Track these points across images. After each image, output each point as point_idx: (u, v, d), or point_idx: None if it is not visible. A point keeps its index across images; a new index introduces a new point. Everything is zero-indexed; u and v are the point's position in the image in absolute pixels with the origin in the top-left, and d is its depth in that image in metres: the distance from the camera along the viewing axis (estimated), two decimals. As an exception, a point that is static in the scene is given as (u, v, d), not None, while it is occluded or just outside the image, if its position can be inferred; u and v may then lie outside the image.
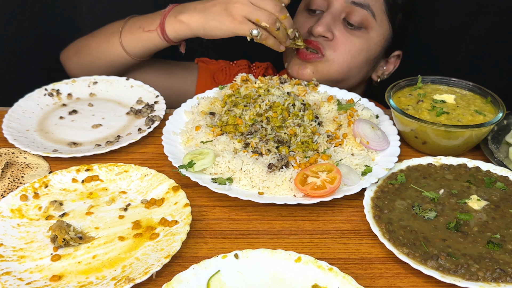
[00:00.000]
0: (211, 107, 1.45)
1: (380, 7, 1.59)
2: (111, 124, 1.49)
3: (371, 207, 1.16)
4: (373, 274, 1.04)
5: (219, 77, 1.83)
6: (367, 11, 1.56)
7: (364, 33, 1.59)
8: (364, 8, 1.56)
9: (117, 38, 1.60)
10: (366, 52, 1.61)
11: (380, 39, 1.62)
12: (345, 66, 1.60)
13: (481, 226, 1.11)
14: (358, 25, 1.58)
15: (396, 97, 1.44)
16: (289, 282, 0.99)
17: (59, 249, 1.07)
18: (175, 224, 1.11)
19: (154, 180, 1.24)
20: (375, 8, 1.57)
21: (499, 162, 1.31)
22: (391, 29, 1.63)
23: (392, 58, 1.72)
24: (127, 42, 1.60)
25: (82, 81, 1.65)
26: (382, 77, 1.75)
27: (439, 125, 1.30)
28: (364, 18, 1.57)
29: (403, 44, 1.72)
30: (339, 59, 1.58)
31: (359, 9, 1.56)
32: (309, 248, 1.10)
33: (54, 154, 1.32)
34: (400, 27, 1.65)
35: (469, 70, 1.96)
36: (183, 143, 1.35)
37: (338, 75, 1.60)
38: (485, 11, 1.96)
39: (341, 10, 1.58)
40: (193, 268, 0.99)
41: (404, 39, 1.71)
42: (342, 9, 1.58)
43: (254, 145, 1.28)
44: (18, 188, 1.20)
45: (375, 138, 1.32)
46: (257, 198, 1.16)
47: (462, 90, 1.48)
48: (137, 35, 1.57)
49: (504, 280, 0.99)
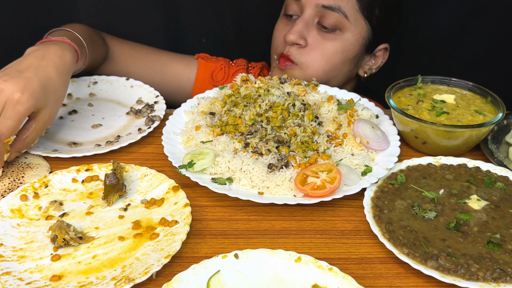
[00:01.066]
0: (211, 107, 1.45)
1: (352, 6, 1.59)
2: (111, 124, 1.49)
3: (371, 207, 1.16)
4: (373, 274, 1.04)
5: (217, 75, 1.83)
6: (339, 13, 1.58)
7: (338, 35, 1.60)
8: (335, 11, 1.57)
9: None
10: (342, 53, 1.63)
11: (356, 38, 1.62)
12: (320, 70, 1.62)
13: (481, 226, 1.11)
14: (332, 27, 1.59)
15: (396, 97, 1.44)
16: (289, 282, 0.99)
17: (59, 249, 1.07)
18: (175, 224, 1.11)
19: (154, 180, 1.24)
20: (346, 9, 1.58)
21: (499, 162, 1.31)
22: (369, 26, 1.63)
23: (378, 52, 1.72)
24: None
25: (82, 81, 1.65)
26: (371, 71, 1.76)
27: (439, 125, 1.30)
28: (336, 20, 1.58)
29: (388, 37, 1.72)
30: (312, 65, 1.61)
31: (330, 12, 1.58)
32: (309, 248, 1.10)
33: (54, 154, 1.32)
34: (380, 22, 1.65)
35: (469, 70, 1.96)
36: (183, 143, 1.35)
37: (317, 79, 1.62)
38: (485, 11, 1.96)
39: (314, 15, 1.60)
40: (193, 268, 0.99)
41: (388, 33, 1.71)
42: (315, 14, 1.60)
43: (254, 145, 1.28)
44: (18, 188, 1.20)
45: (375, 138, 1.33)
46: (257, 198, 1.16)
47: (462, 90, 1.48)
48: None
49: (504, 280, 0.99)
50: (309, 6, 1.59)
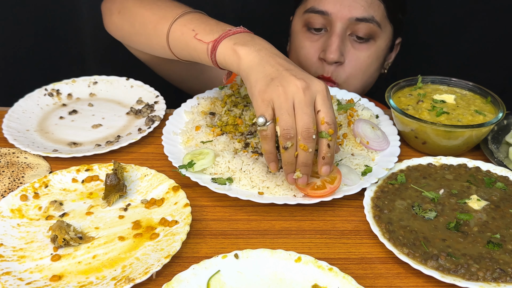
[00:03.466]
0: (211, 107, 1.45)
1: (382, 14, 1.57)
2: (111, 124, 1.49)
3: (371, 207, 1.16)
4: (373, 274, 1.04)
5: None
6: (373, 23, 1.54)
7: (371, 44, 1.59)
8: (369, 22, 1.53)
9: (166, 28, 1.32)
10: (377, 61, 1.62)
11: (386, 43, 1.62)
12: (359, 85, 1.62)
13: (481, 226, 1.11)
14: (366, 37, 1.57)
15: (396, 97, 1.44)
16: (289, 282, 0.99)
17: (59, 249, 1.07)
18: (175, 224, 1.11)
19: (154, 180, 1.24)
20: (378, 18, 1.56)
21: (499, 162, 1.31)
22: (392, 28, 1.63)
23: (394, 47, 1.73)
24: (173, 39, 1.31)
25: (82, 81, 1.65)
26: (387, 66, 1.77)
27: (439, 125, 1.30)
28: (371, 30, 1.55)
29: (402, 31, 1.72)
30: (352, 81, 1.60)
31: (364, 24, 1.54)
32: (309, 248, 1.10)
33: (54, 154, 1.32)
34: (399, 22, 1.66)
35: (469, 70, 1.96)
36: (183, 143, 1.35)
37: (357, 91, 1.61)
38: (485, 11, 1.97)
39: (346, 28, 1.55)
40: (193, 268, 0.99)
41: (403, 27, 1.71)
42: (347, 27, 1.55)
43: (254, 145, 1.29)
44: (18, 188, 1.20)
45: (375, 138, 1.33)
46: (257, 198, 1.16)
47: (462, 90, 1.48)
48: (186, 37, 1.28)
49: (504, 280, 0.99)
50: (341, 20, 1.53)
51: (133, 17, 1.42)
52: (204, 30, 1.24)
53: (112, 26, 1.53)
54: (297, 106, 1.05)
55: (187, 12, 1.32)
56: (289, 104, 1.05)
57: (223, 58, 1.19)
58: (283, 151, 1.08)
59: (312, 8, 1.57)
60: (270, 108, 1.06)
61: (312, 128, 1.05)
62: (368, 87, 1.69)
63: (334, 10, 1.53)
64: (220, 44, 1.19)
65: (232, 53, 1.16)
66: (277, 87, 1.06)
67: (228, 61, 1.18)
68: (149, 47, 1.43)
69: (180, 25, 1.29)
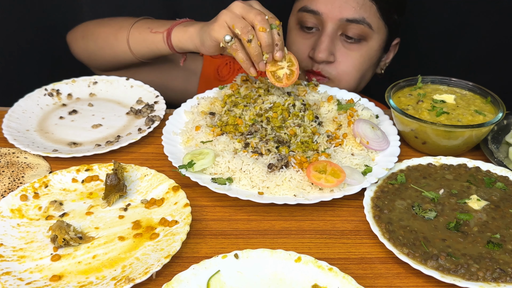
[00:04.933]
0: (211, 107, 1.45)
1: (374, 15, 1.57)
2: (111, 124, 1.49)
3: (371, 207, 1.16)
4: (373, 274, 1.04)
5: (223, 71, 1.82)
6: (363, 24, 1.55)
7: (363, 45, 1.59)
8: (360, 23, 1.55)
9: (125, 34, 1.60)
10: (369, 60, 1.62)
11: (379, 43, 1.62)
12: (353, 81, 1.62)
13: (481, 226, 1.11)
14: (357, 38, 1.57)
15: (396, 97, 1.44)
16: (289, 282, 0.99)
17: (59, 249, 1.07)
18: (175, 224, 1.11)
19: (154, 180, 1.24)
20: (370, 19, 1.56)
21: (499, 162, 1.31)
22: (387, 29, 1.63)
23: (391, 47, 1.73)
24: (133, 40, 1.59)
25: (82, 81, 1.65)
26: (385, 66, 1.77)
27: (439, 125, 1.30)
28: (361, 31, 1.56)
29: (399, 31, 1.72)
30: (345, 77, 1.60)
31: (354, 25, 1.55)
32: (309, 248, 1.10)
33: (54, 154, 1.32)
34: (395, 23, 1.65)
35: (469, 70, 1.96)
36: (183, 143, 1.35)
37: (349, 89, 1.61)
38: (486, 11, 1.97)
39: (337, 29, 1.56)
40: (193, 268, 0.99)
41: (399, 28, 1.71)
42: (338, 28, 1.56)
43: (254, 145, 1.28)
44: (18, 188, 1.20)
45: (375, 138, 1.33)
46: (257, 198, 1.16)
47: (462, 90, 1.48)
48: (143, 34, 1.57)
49: (504, 280, 0.99)
50: (332, 20, 1.54)
51: (95, 36, 1.70)
52: (158, 25, 1.55)
53: (78, 50, 1.76)
54: (242, 11, 1.30)
55: (139, 19, 1.62)
56: (237, 14, 1.30)
57: (178, 40, 1.49)
58: (248, 45, 1.29)
59: (305, 8, 1.59)
60: (227, 27, 1.30)
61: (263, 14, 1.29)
62: (362, 85, 1.69)
63: (325, 10, 1.55)
64: (173, 31, 1.50)
65: (183, 33, 1.47)
66: (223, 14, 1.32)
67: (182, 39, 1.48)
68: (113, 55, 1.67)
69: (136, 28, 1.59)
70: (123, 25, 1.62)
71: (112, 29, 1.65)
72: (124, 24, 1.62)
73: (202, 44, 1.40)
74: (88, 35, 1.72)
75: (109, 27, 1.67)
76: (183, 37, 1.47)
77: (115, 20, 1.69)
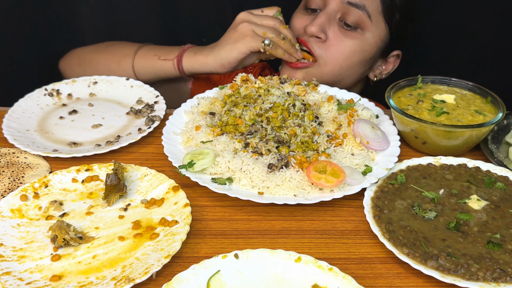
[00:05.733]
0: (211, 107, 1.45)
1: (376, 7, 1.58)
2: (111, 124, 1.49)
3: (371, 207, 1.16)
4: (373, 274, 1.04)
5: (214, 76, 1.83)
6: (363, 12, 1.56)
7: (359, 34, 1.59)
8: (359, 8, 1.56)
9: (130, 62, 1.67)
10: (360, 53, 1.61)
11: (375, 40, 1.62)
12: (337, 68, 1.61)
13: (481, 226, 1.11)
14: (354, 26, 1.58)
15: (396, 97, 1.44)
16: (289, 282, 0.99)
17: (59, 249, 1.07)
18: (175, 224, 1.11)
19: (154, 180, 1.24)
20: (370, 9, 1.57)
21: (499, 162, 1.31)
22: (387, 29, 1.62)
23: (391, 58, 1.72)
24: (139, 66, 1.67)
25: (82, 81, 1.65)
26: (380, 76, 1.75)
27: (439, 125, 1.30)
28: (359, 18, 1.57)
29: (402, 43, 1.72)
30: (330, 62, 1.59)
31: (354, 9, 1.56)
32: (309, 248, 1.10)
33: (54, 154, 1.32)
34: (398, 28, 1.65)
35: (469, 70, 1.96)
36: (183, 143, 1.35)
37: (330, 78, 1.61)
38: (486, 11, 1.96)
39: (337, 10, 1.58)
40: (193, 268, 0.99)
41: (403, 39, 1.71)
42: (338, 9, 1.58)
43: (254, 145, 1.28)
44: (18, 188, 1.20)
45: (375, 138, 1.32)
46: (257, 198, 1.16)
47: (462, 90, 1.48)
48: (151, 62, 1.65)
49: (504, 280, 0.99)
50: (334, 0, 1.58)
51: (94, 63, 1.74)
52: (164, 52, 1.65)
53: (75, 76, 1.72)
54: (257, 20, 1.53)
55: (141, 46, 1.70)
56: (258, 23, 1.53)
57: (191, 65, 1.61)
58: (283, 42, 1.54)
59: None
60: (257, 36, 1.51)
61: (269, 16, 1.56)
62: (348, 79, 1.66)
63: None
64: (183, 57, 1.61)
65: (195, 60, 1.60)
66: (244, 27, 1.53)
67: (195, 65, 1.61)
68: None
69: (142, 56, 1.67)
70: (125, 53, 1.69)
71: (115, 56, 1.71)
72: (126, 52, 1.69)
73: (222, 66, 1.56)
74: (86, 62, 1.76)
75: (110, 54, 1.72)
76: (197, 63, 1.59)
77: (113, 46, 1.74)
